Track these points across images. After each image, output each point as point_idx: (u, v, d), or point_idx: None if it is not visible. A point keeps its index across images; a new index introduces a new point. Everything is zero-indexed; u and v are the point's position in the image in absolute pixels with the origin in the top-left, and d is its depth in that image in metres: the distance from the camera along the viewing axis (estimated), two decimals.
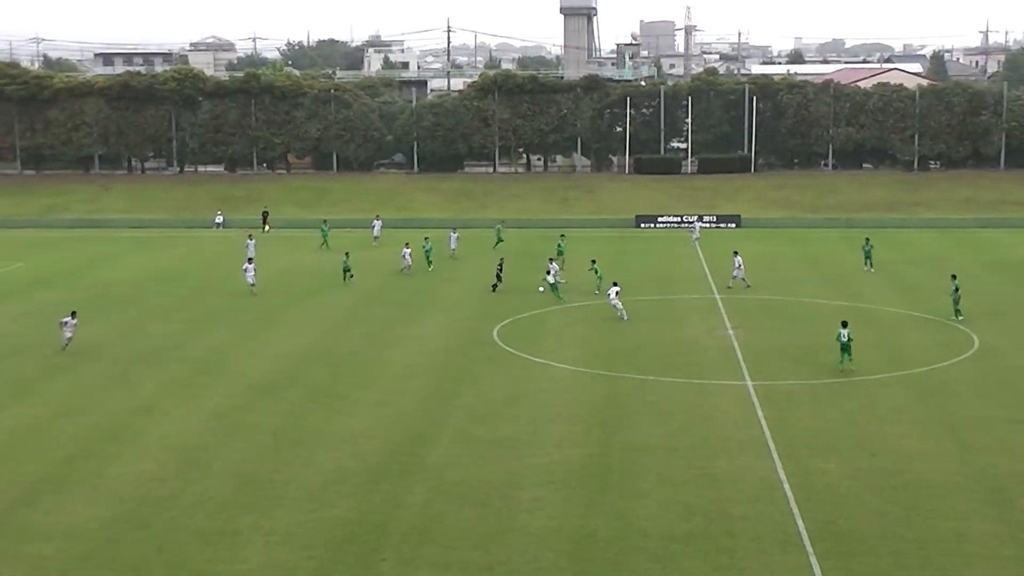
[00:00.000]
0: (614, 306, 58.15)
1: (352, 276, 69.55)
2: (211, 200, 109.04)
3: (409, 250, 73.06)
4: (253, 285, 65.91)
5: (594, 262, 65.49)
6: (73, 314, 53.82)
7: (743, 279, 67.12)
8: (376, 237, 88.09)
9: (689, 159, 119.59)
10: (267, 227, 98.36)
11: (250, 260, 64.35)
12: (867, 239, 75.13)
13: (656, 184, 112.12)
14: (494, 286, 66.78)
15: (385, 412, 42.79)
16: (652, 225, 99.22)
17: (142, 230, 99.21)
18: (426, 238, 76.68)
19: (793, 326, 57.51)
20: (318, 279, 71.74)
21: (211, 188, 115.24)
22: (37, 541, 30.89)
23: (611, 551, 30.03)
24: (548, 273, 64.36)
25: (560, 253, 73.93)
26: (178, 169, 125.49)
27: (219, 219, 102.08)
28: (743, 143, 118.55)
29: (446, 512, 32.73)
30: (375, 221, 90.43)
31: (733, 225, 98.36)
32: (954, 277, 59.09)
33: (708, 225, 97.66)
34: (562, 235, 79.32)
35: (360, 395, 45.28)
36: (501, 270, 67.83)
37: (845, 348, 47.51)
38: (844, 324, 48.06)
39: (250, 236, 79.31)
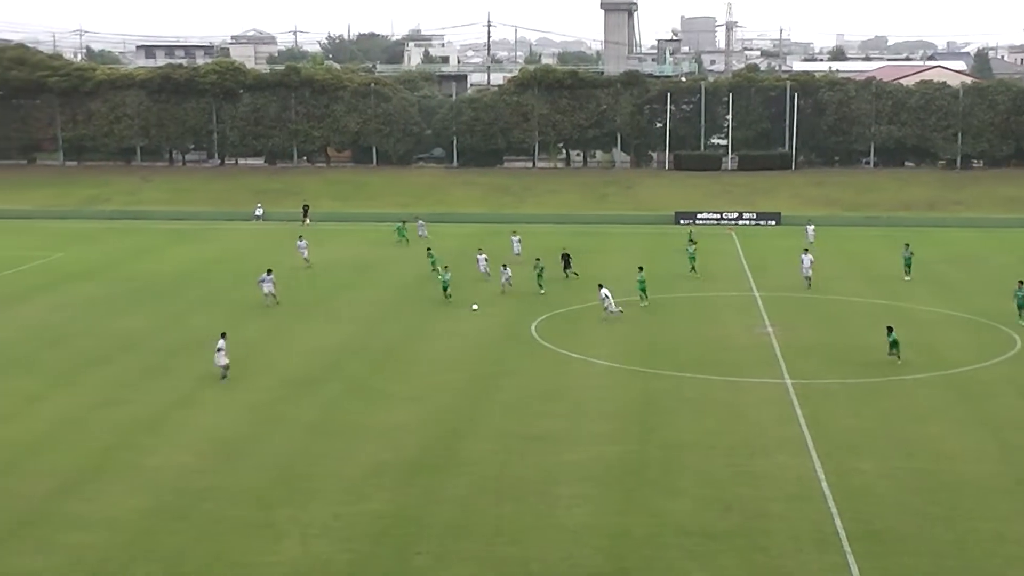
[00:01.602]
0: (606, 307, 57.52)
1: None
2: (250, 193, 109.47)
3: (484, 256, 70.41)
4: (270, 295, 61.58)
5: (641, 269, 62.81)
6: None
7: (808, 278, 66.39)
8: (422, 236, 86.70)
9: (729, 156, 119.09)
10: (307, 220, 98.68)
11: (269, 271, 62.07)
12: (907, 245, 71.48)
13: (695, 181, 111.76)
14: (567, 275, 68.80)
15: (423, 407, 42.86)
16: (691, 222, 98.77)
17: (182, 222, 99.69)
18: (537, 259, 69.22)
19: (832, 324, 57.20)
20: (356, 273, 71.87)
21: (250, 181, 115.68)
22: (77, 530, 31.13)
23: (647, 548, 29.99)
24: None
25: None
26: (218, 161, 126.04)
27: (259, 211, 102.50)
28: (783, 140, 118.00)
29: (483, 507, 32.76)
30: (419, 221, 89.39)
31: (773, 222, 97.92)
32: (1021, 283, 57.54)
33: (748, 222, 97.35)
34: (514, 232, 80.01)
35: (398, 389, 45.37)
36: (568, 263, 69.22)
37: (894, 346, 48.71)
38: (890, 330, 49.37)
39: (300, 237, 78.06)
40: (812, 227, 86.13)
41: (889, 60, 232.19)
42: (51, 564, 29.08)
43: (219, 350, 46.10)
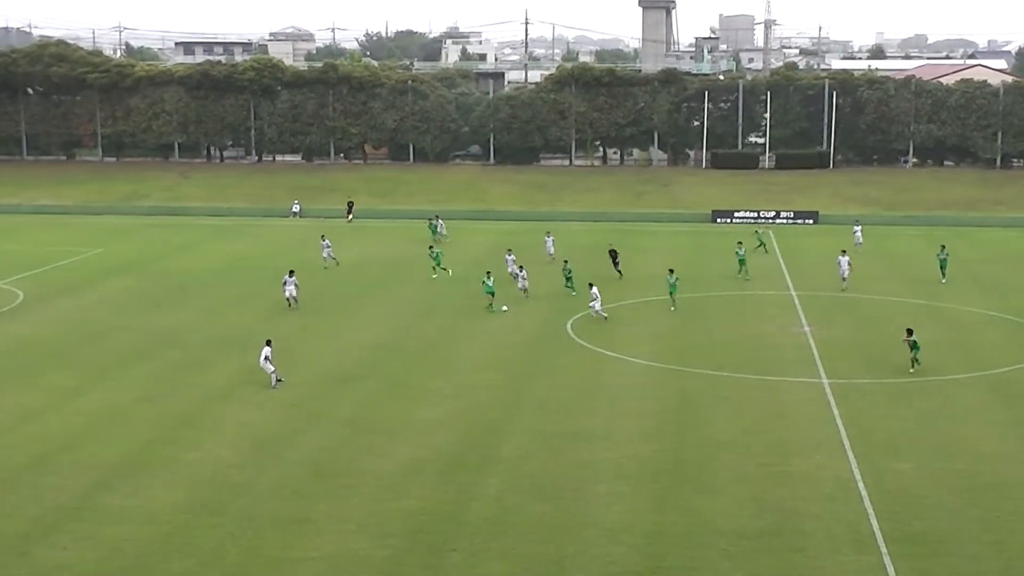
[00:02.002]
0: (591, 306, 57.31)
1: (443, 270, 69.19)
2: (288, 190, 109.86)
3: (513, 257, 69.44)
4: (291, 298, 60.19)
5: (672, 271, 61.62)
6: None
7: (845, 279, 65.60)
8: (442, 236, 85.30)
9: (767, 154, 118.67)
10: (351, 217, 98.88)
11: (291, 273, 60.61)
12: (943, 247, 70.00)
13: (733, 179, 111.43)
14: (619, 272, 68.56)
15: (459, 404, 42.93)
16: (728, 220, 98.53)
17: (220, 218, 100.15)
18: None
19: (870, 324, 56.92)
20: (393, 270, 72.03)
21: (288, 178, 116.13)
22: (116, 524, 31.35)
23: (683, 547, 29.94)
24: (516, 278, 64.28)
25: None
26: (256, 158, 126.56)
27: (296, 208, 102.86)
28: (822, 139, 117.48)
29: (519, 505, 32.79)
30: (438, 220, 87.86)
31: (811, 221, 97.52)
32: None
33: (785, 221, 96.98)
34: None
35: (435, 387, 45.45)
36: (616, 259, 69.12)
37: (914, 347, 47.15)
38: (910, 332, 47.62)
39: (323, 236, 76.97)
40: (859, 228, 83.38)
41: (929, 59, 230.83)
42: (90, 557, 29.29)
43: (265, 358, 45.20)
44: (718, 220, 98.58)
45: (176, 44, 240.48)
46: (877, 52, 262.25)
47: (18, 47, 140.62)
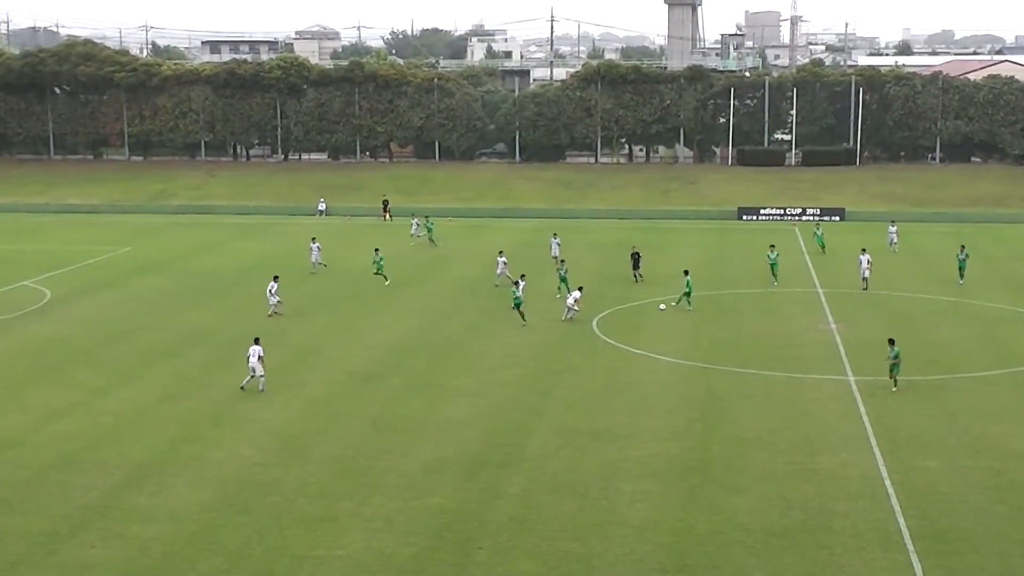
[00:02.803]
0: (570, 308, 56.46)
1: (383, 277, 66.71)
2: (314, 188, 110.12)
3: (504, 260, 67.50)
4: (278, 303, 58.50)
5: (687, 273, 60.72)
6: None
7: (865, 278, 64.19)
8: (417, 235, 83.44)
9: (793, 151, 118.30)
10: (387, 215, 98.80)
11: (276, 278, 59.15)
12: (962, 247, 68.24)
13: (759, 176, 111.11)
14: (636, 276, 67.07)
15: (484, 402, 42.93)
16: (755, 217, 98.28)
17: (246, 217, 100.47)
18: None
19: (897, 321, 56.60)
20: (417, 268, 72.05)
21: (314, 176, 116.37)
22: (142, 523, 31.46)
23: (710, 545, 29.86)
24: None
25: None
26: (282, 157, 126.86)
27: (322, 207, 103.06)
28: (848, 135, 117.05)
29: (544, 503, 32.76)
30: (414, 220, 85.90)
31: (837, 218, 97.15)
32: None
33: (812, 218, 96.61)
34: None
35: (459, 384, 45.46)
36: (638, 263, 67.55)
37: (893, 368, 43.82)
38: (891, 342, 44.46)
39: (313, 239, 74.72)
40: (895, 227, 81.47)
41: (956, 55, 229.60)
42: (117, 556, 29.40)
43: (259, 357, 44.31)
44: (744, 217, 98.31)
45: (203, 43, 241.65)
46: (904, 48, 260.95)
47: (46, 47, 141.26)
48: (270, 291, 58.21)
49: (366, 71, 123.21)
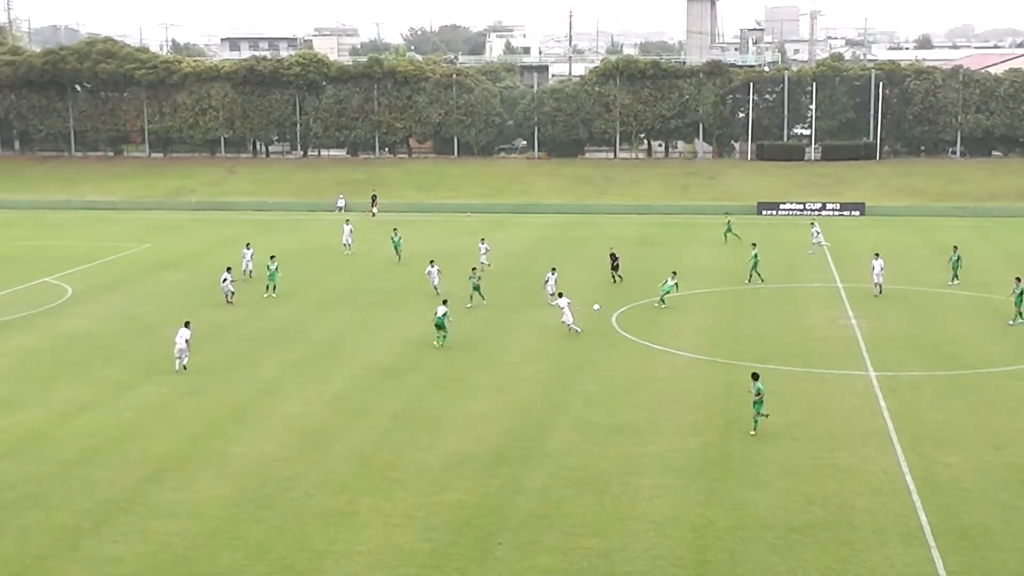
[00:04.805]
0: (563, 320, 52.89)
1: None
2: (333, 184, 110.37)
3: (436, 268, 64.95)
4: (230, 292, 60.09)
5: (675, 274, 60.12)
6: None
7: (879, 284, 61.30)
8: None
9: (813, 146, 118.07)
10: (374, 210, 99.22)
11: (228, 269, 60.73)
12: (955, 248, 66.36)
13: (778, 171, 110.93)
14: (614, 277, 65.16)
15: (505, 397, 42.95)
16: (774, 212, 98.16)
17: (266, 213, 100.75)
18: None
19: (918, 316, 56.49)
20: (438, 264, 71.90)
21: (333, 172, 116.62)
22: (164, 518, 31.56)
23: (730, 540, 29.82)
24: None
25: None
26: (301, 153, 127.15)
27: (341, 203, 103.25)
28: (868, 130, 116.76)
29: (564, 498, 32.76)
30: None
31: (857, 213, 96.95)
32: None
33: (831, 213, 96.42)
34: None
35: (480, 380, 45.49)
36: (616, 264, 65.53)
37: (756, 405, 38.22)
38: (755, 376, 38.88)
39: (347, 221, 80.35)
40: (817, 227, 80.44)
41: (977, 48, 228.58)
42: (140, 551, 29.51)
43: (185, 341, 46.45)
44: (763, 212, 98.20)
45: (222, 40, 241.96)
46: (924, 42, 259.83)
47: (67, 45, 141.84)
48: (222, 280, 59.80)
49: (385, 67, 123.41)
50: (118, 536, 30.41)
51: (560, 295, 54.09)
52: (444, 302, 52.50)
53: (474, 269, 61.02)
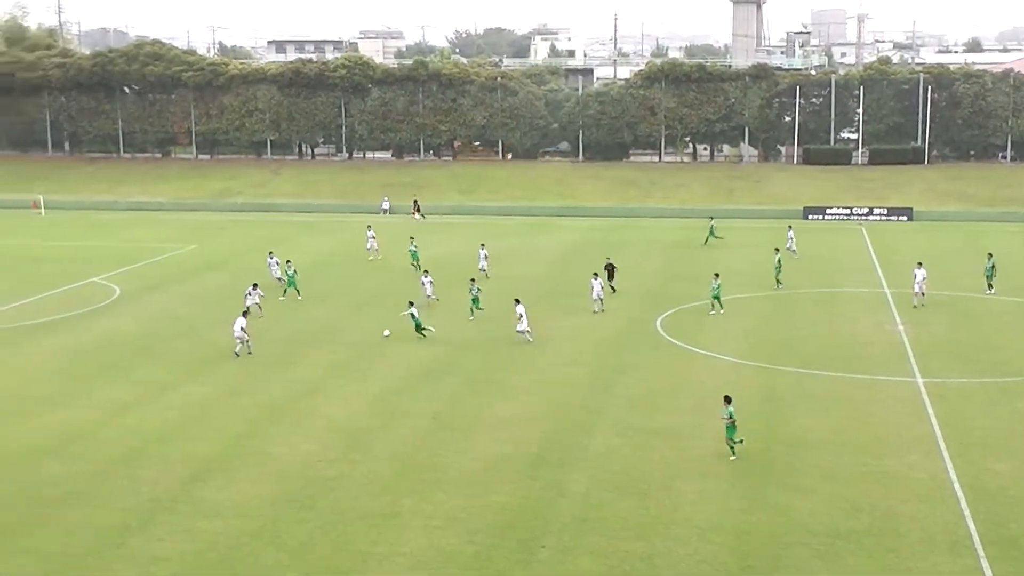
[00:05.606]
0: (520, 322, 51.82)
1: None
2: (378, 186, 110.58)
3: (485, 252, 67.73)
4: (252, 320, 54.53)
5: (717, 276, 58.71)
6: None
7: (922, 294, 59.38)
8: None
9: (860, 150, 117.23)
10: (417, 214, 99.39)
11: (255, 286, 58.59)
12: (990, 255, 64.39)
13: (825, 175, 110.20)
14: (612, 287, 62.42)
15: (546, 400, 42.83)
16: (820, 217, 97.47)
17: (310, 215, 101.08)
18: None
19: (966, 322, 55.92)
20: (477, 266, 71.90)
21: (378, 174, 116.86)
22: (209, 517, 31.69)
23: (773, 546, 29.60)
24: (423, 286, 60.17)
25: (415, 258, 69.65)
26: (347, 155, 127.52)
27: (386, 205, 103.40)
28: (916, 134, 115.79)
29: (606, 501, 32.63)
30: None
31: (904, 218, 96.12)
32: None
33: (878, 218, 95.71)
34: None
35: (520, 382, 45.38)
36: (612, 274, 62.98)
37: (729, 430, 36.38)
38: (727, 400, 36.95)
39: (369, 227, 79.32)
40: (792, 232, 77.29)
41: None
42: (184, 549, 29.63)
43: (242, 328, 49.74)
44: (810, 217, 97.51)
45: (268, 43, 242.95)
46: (973, 45, 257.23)
47: (115, 47, 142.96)
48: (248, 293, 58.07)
49: (430, 70, 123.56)
50: (163, 534, 30.56)
51: (517, 301, 52.81)
52: (411, 303, 53.70)
53: (473, 280, 59.35)
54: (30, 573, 28.53)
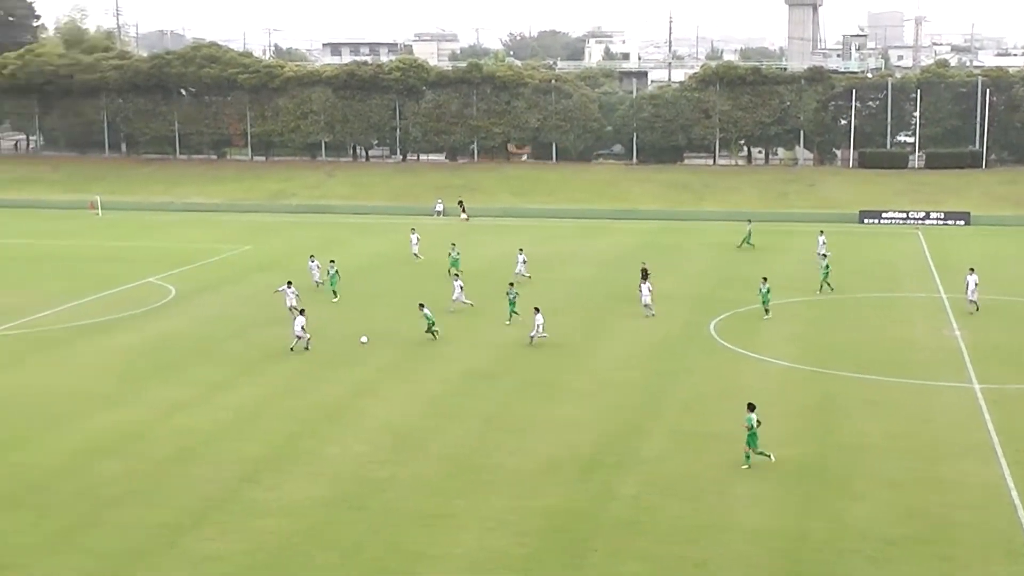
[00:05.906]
0: (532, 333, 52.08)
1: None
2: (431, 189, 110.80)
3: (524, 258, 67.89)
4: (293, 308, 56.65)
5: (765, 280, 58.45)
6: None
7: (975, 301, 58.35)
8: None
9: (916, 153, 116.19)
10: (464, 215, 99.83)
11: (289, 283, 58.75)
12: None
13: (881, 179, 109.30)
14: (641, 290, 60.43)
15: (598, 403, 42.76)
16: (876, 221, 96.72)
17: (364, 216, 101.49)
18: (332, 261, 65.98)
19: (1023, 328, 55.29)
20: (533, 269, 71.85)
21: (431, 176, 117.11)
22: (261, 517, 31.85)
23: (826, 552, 29.37)
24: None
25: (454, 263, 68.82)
26: (400, 157, 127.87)
27: (439, 207, 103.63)
28: (974, 137, 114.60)
29: (658, 505, 32.51)
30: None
31: (962, 222, 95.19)
32: None
33: (935, 222, 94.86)
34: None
35: (574, 385, 45.34)
36: (645, 277, 61.13)
37: (750, 438, 35.68)
38: (751, 407, 36.17)
39: (413, 230, 79.43)
40: (823, 236, 76.41)
41: None
42: (236, 549, 29.80)
43: (302, 328, 50.86)
44: (865, 221, 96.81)
45: (323, 45, 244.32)
46: None
47: (172, 49, 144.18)
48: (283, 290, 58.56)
49: (484, 72, 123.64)
50: (215, 534, 30.74)
51: (536, 310, 52.41)
52: (421, 305, 53.97)
53: (512, 284, 59.18)
54: (88, 572, 28.77)
